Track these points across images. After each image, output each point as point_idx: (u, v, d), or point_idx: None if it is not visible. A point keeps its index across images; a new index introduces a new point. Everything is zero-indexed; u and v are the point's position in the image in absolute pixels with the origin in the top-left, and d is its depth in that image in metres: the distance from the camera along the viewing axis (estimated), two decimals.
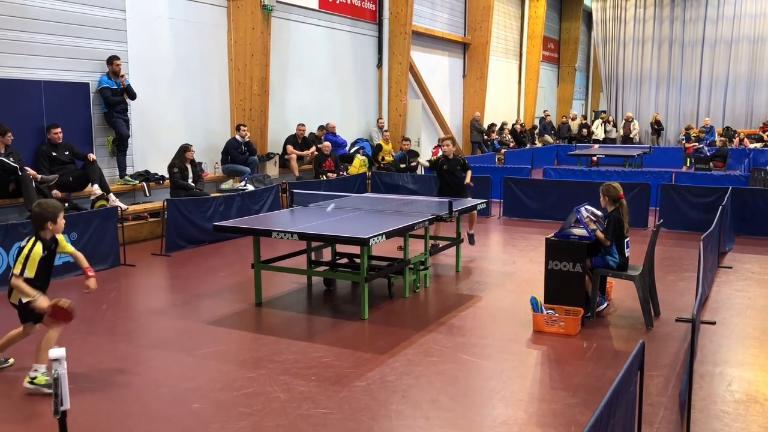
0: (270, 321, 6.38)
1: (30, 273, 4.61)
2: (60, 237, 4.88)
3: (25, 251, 4.66)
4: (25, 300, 4.64)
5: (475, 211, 8.76)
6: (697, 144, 19.00)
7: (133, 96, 10.36)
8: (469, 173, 9.20)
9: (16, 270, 4.65)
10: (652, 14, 27.61)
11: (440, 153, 9.55)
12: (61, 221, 4.83)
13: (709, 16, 26.60)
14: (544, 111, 26.60)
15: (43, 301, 4.62)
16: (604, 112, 27.72)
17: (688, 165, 18.52)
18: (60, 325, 4.71)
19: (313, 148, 13.82)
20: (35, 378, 4.64)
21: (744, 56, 26.37)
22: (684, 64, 27.41)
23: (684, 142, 21.02)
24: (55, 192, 8.94)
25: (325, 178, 13.06)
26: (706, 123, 23.89)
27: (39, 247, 4.67)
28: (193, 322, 6.28)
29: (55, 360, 2.91)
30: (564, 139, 24.82)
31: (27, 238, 4.79)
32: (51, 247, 4.80)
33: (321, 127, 14.51)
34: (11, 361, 5.13)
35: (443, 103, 20.29)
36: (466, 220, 9.26)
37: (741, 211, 10.32)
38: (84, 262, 4.93)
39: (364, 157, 14.96)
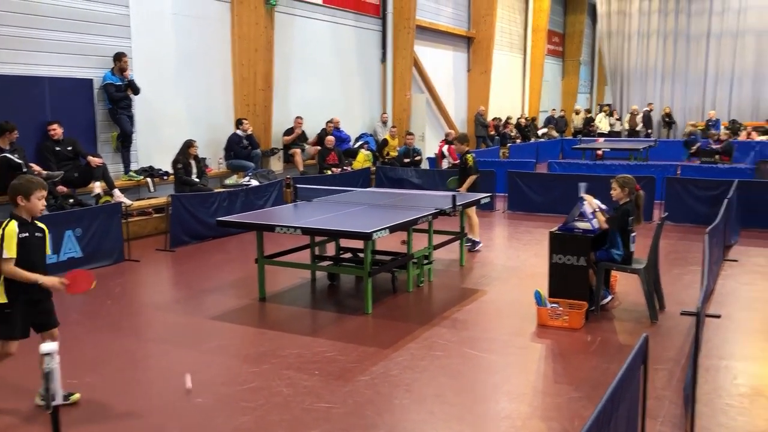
0: (274, 316, 6.39)
1: (10, 252, 3.94)
2: None
3: None
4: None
5: (475, 218, 8.85)
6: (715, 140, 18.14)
7: (136, 91, 10.35)
8: (470, 179, 8.90)
9: None
10: (657, 7, 27.41)
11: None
12: (36, 201, 4.10)
13: (714, 9, 26.38)
14: (552, 109, 26.51)
15: (49, 279, 4.08)
16: (608, 105, 27.58)
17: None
18: (79, 292, 4.20)
19: (317, 147, 13.75)
20: None
21: (750, 49, 26.16)
22: (689, 57, 27.22)
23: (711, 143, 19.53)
24: (60, 188, 8.96)
25: (329, 172, 13.06)
26: (711, 116, 23.72)
27: (13, 224, 4.03)
28: (197, 317, 6.29)
29: (47, 354, 2.88)
30: (561, 133, 24.73)
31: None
32: (32, 232, 4.12)
33: (329, 122, 14.46)
34: (76, 396, 4.41)
35: (448, 98, 20.22)
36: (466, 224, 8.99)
37: (747, 204, 10.25)
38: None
39: (368, 152, 14.94)
